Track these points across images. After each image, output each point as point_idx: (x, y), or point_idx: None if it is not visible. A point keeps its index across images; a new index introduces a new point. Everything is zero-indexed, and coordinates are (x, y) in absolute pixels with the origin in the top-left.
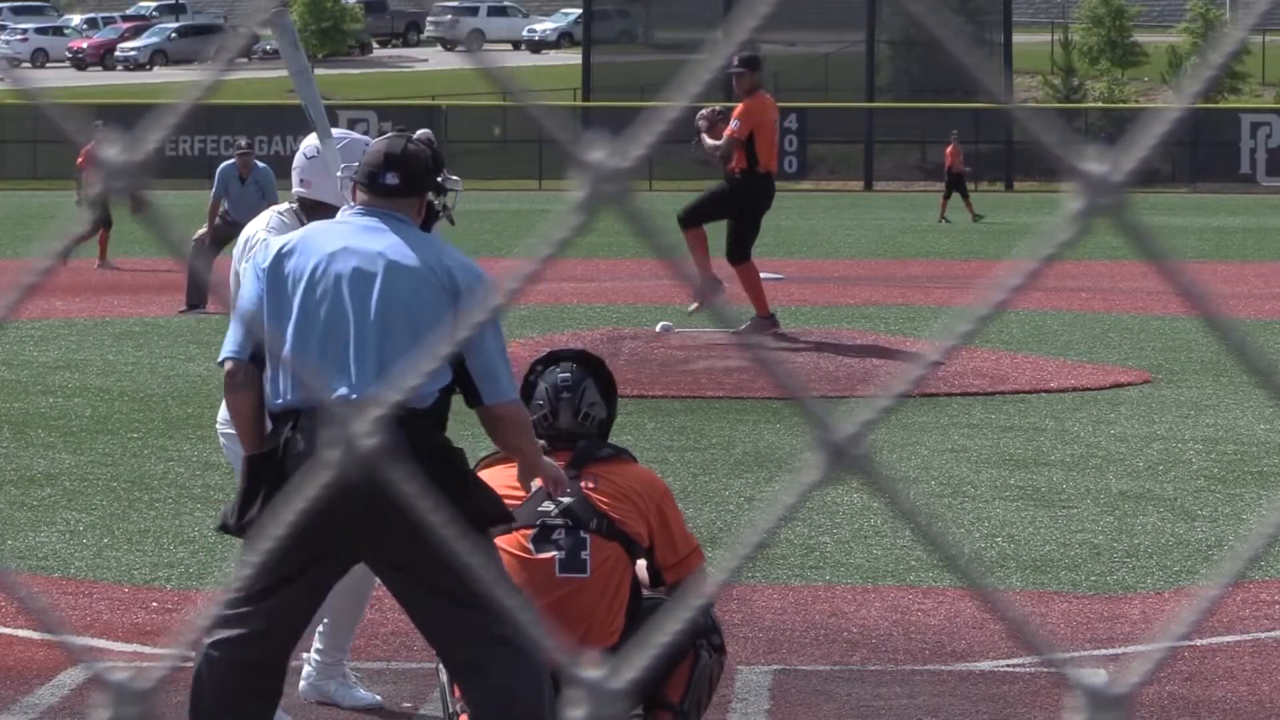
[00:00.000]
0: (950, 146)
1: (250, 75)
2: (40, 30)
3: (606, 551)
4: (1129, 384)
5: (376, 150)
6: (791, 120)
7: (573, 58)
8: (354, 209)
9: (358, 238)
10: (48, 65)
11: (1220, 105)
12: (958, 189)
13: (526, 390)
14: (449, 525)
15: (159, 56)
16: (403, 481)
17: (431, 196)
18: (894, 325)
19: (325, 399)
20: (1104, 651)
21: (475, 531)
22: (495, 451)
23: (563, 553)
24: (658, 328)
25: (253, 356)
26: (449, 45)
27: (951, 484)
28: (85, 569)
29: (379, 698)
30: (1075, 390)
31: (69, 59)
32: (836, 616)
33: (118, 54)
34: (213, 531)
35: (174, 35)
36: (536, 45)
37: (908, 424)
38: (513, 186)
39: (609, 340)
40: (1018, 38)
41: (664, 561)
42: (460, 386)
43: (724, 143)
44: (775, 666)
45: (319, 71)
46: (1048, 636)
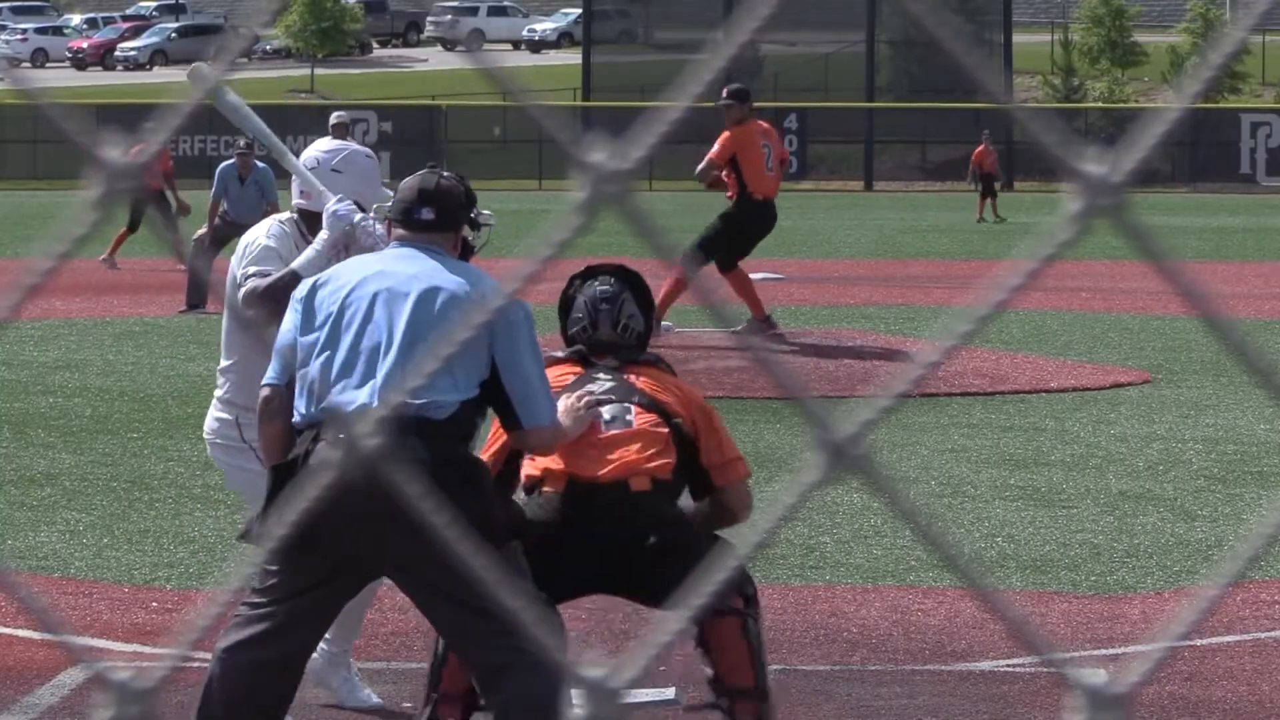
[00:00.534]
0: (980, 147)
1: (250, 75)
2: (40, 30)
3: (650, 417)
4: (1129, 384)
5: (410, 186)
6: (791, 120)
7: (573, 58)
8: (391, 245)
9: (393, 264)
10: (48, 65)
11: (1220, 105)
12: (988, 189)
13: (565, 304)
14: (458, 534)
15: (159, 56)
16: (405, 484)
17: (466, 232)
18: (894, 325)
19: (335, 405)
20: (1104, 651)
21: (490, 543)
22: (553, 355)
23: (609, 415)
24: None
25: (289, 384)
26: (449, 45)
27: (951, 484)
28: (85, 569)
29: (380, 701)
30: (1075, 390)
31: (69, 59)
32: (836, 616)
33: (118, 54)
34: (213, 531)
35: (174, 35)
36: (536, 45)
37: (908, 424)
38: (513, 186)
39: None
40: (1018, 38)
41: (710, 460)
42: (496, 409)
43: (702, 165)
44: (775, 666)
45: (319, 71)
46: (1048, 636)
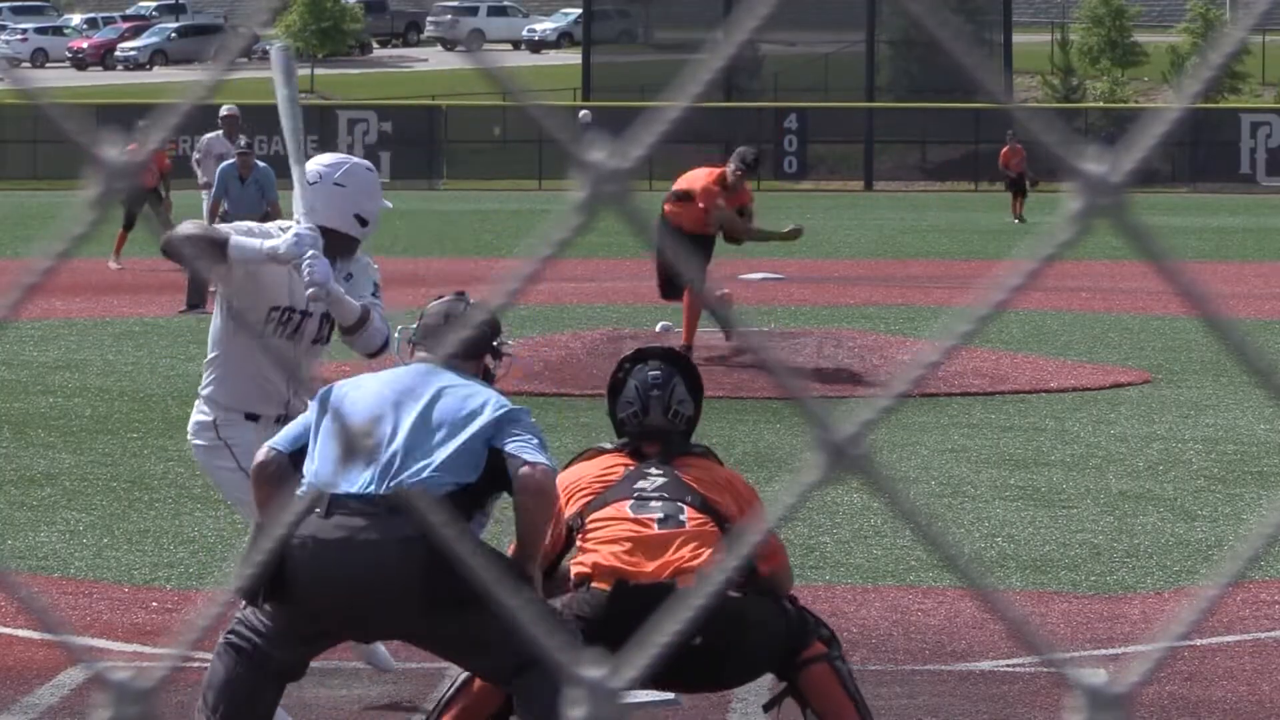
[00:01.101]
0: (1006, 148)
1: (250, 75)
2: (40, 30)
3: (701, 519)
4: (1129, 384)
5: (436, 313)
6: (791, 120)
7: (573, 58)
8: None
9: (414, 376)
10: (48, 65)
11: (1220, 105)
12: (1017, 188)
13: (614, 387)
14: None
15: (159, 56)
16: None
17: (488, 360)
18: (894, 325)
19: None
20: (1104, 651)
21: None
22: (583, 450)
23: (661, 514)
24: (658, 327)
25: (293, 456)
26: (449, 45)
27: (951, 484)
28: (85, 569)
29: (396, 665)
30: (1075, 390)
31: (69, 59)
32: (836, 616)
33: (118, 54)
34: (213, 531)
35: (174, 35)
36: (536, 45)
37: (908, 424)
38: (513, 186)
39: (609, 340)
40: (1018, 38)
41: (759, 551)
42: (500, 486)
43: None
44: None
45: (319, 71)
46: (1048, 636)
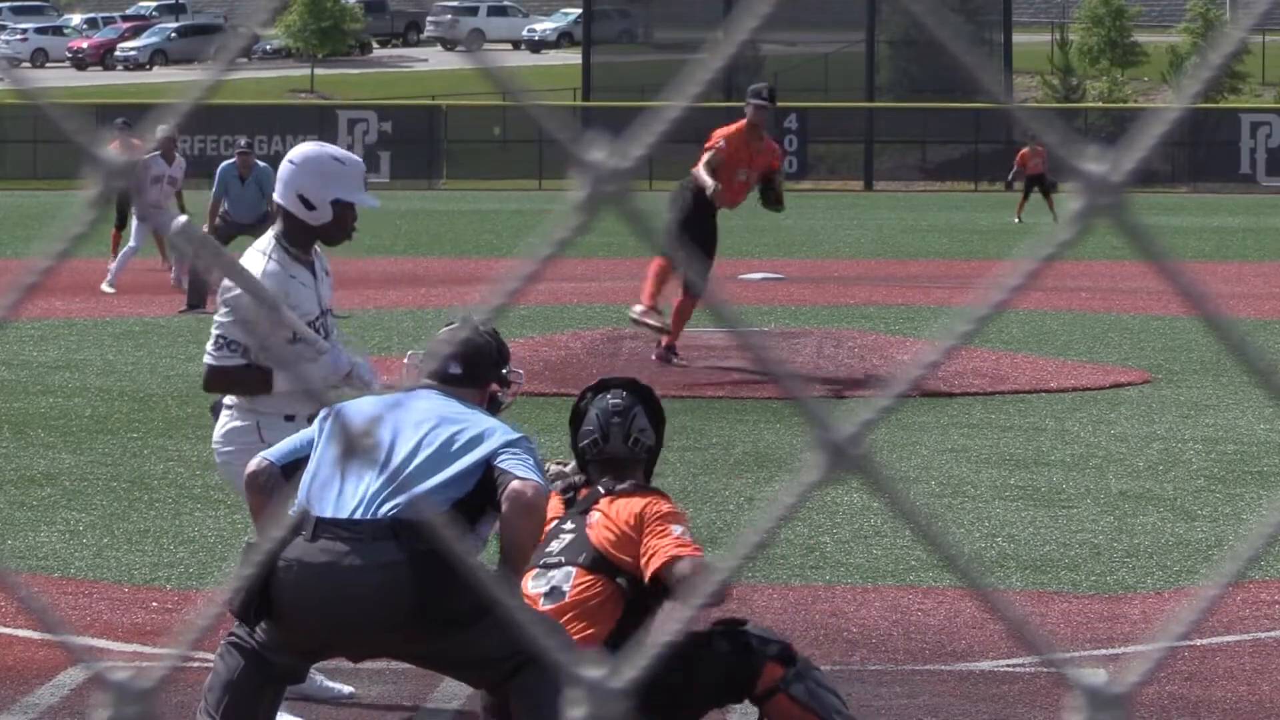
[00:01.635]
0: (1026, 149)
1: (250, 75)
2: (40, 30)
3: (588, 580)
4: (1129, 384)
5: (442, 340)
6: (791, 120)
7: (573, 58)
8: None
9: (415, 400)
10: (48, 65)
11: (1220, 105)
12: (1039, 189)
13: (576, 416)
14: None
15: (159, 56)
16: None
17: (495, 388)
18: (894, 325)
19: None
20: (1104, 651)
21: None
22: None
23: (547, 586)
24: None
25: (286, 469)
26: (449, 45)
27: (951, 484)
28: (85, 569)
29: (352, 689)
30: (1075, 390)
31: (69, 59)
32: (836, 616)
33: (118, 54)
34: (213, 531)
35: (174, 35)
36: (536, 45)
37: (908, 424)
38: (513, 186)
39: (609, 340)
40: (1018, 38)
41: (644, 564)
42: (490, 497)
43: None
44: None
45: (319, 71)
46: (1048, 636)
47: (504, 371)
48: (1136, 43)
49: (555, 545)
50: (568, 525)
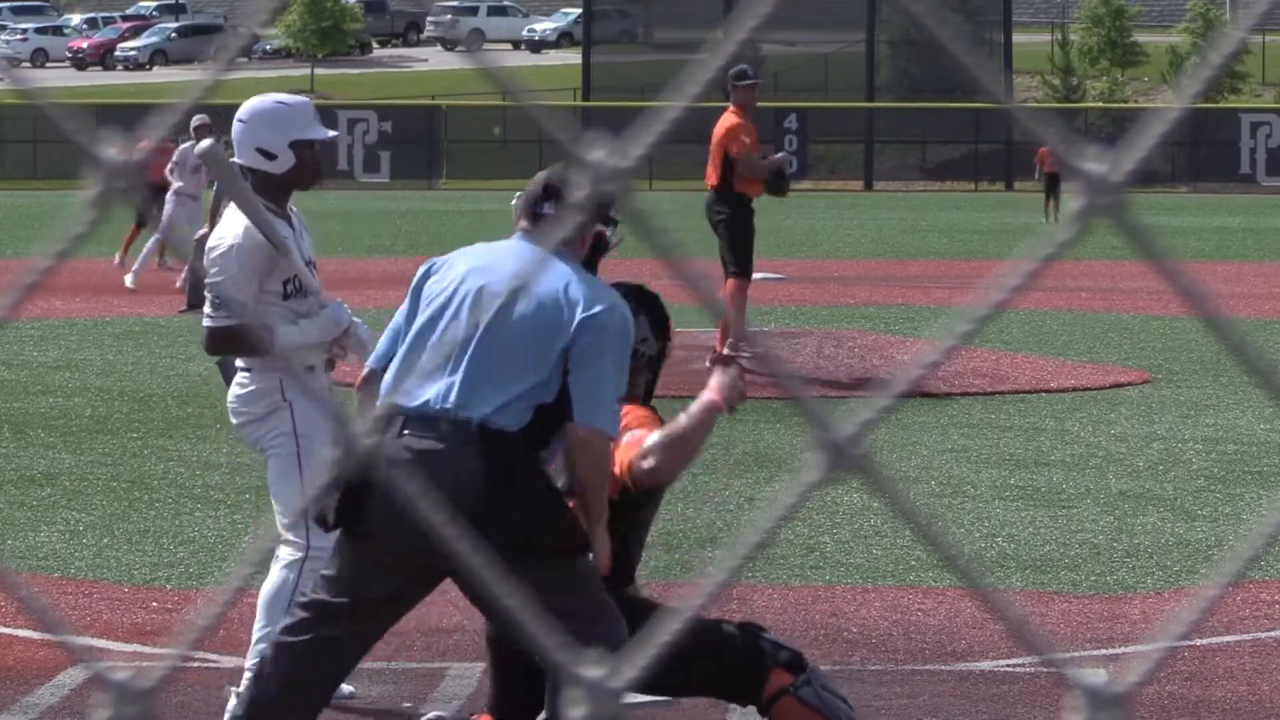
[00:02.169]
0: (1045, 148)
1: (250, 75)
2: (40, 30)
3: None
4: (1129, 384)
5: (538, 180)
6: (791, 120)
7: (573, 58)
8: (516, 232)
9: (501, 258)
10: (48, 65)
11: (1220, 105)
12: (1053, 188)
13: None
14: (472, 541)
15: (159, 56)
16: (404, 481)
17: (602, 227)
18: (894, 325)
19: (400, 403)
20: (1104, 651)
21: (538, 555)
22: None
23: None
24: None
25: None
26: (449, 45)
27: (951, 484)
28: (85, 569)
29: (353, 689)
30: (1075, 390)
31: (69, 59)
32: (836, 616)
33: (118, 54)
34: (213, 531)
35: (174, 35)
36: (536, 45)
37: (908, 424)
38: (513, 186)
39: None
40: (1018, 38)
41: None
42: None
43: (754, 161)
44: None
45: (319, 71)
46: (1048, 636)
47: (608, 212)
48: (1136, 43)
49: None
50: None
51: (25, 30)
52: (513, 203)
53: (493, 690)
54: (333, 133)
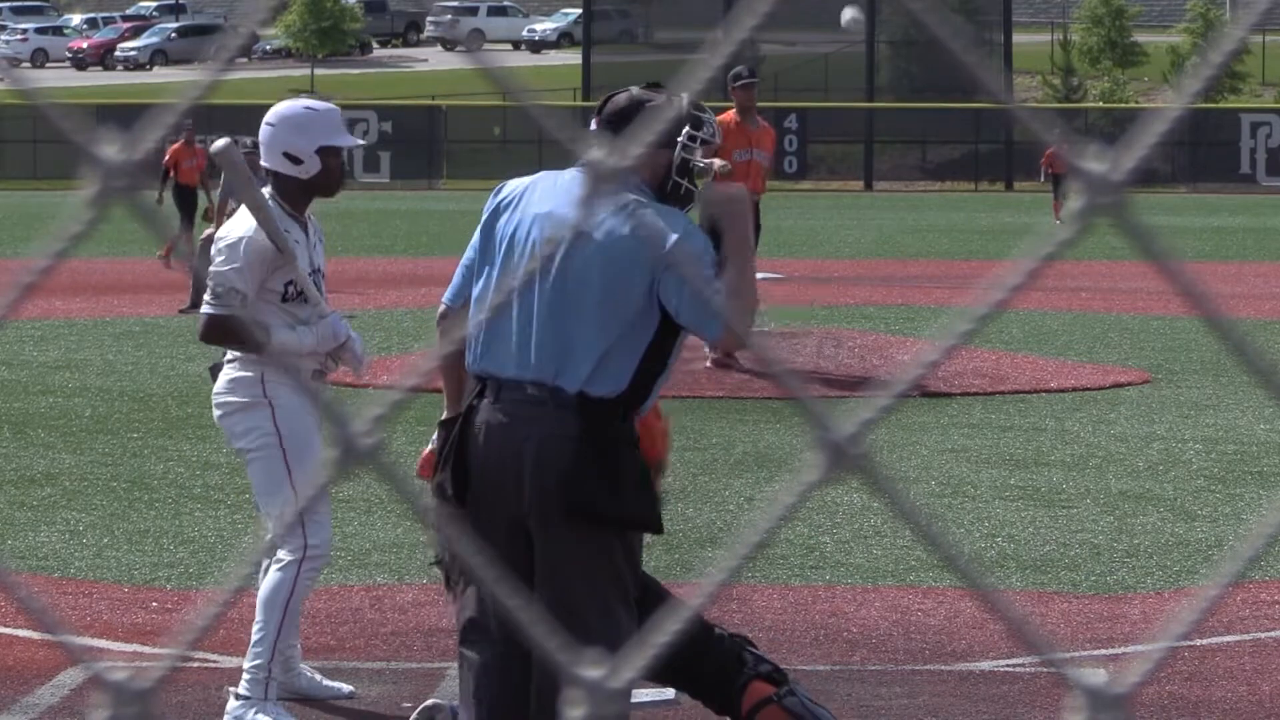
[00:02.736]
0: (1051, 148)
1: (250, 75)
2: (40, 30)
3: None
4: (1129, 384)
5: (616, 102)
6: (791, 120)
7: (573, 58)
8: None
9: (565, 199)
10: (48, 65)
11: (1220, 105)
12: (1060, 188)
13: None
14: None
15: (159, 56)
16: (401, 483)
17: (687, 154)
18: (894, 325)
19: (491, 371)
20: (1104, 651)
21: (609, 530)
22: None
23: None
24: None
25: (464, 304)
26: (449, 45)
27: (951, 484)
28: (85, 569)
29: (352, 689)
30: (1075, 390)
31: (69, 59)
32: (836, 616)
33: (118, 54)
34: (213, 531)
35: (174, 35)
36: (536, 45)
37: (908, 424)
38: None
39: None
40: (1018, 38)
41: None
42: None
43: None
44: None
45: (319, 71)
46: (1048, 636)
47: (692, 136)
48: (1136, 43)
49: None
50: None
51: (25, 30)
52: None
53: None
54: (359, 140)
